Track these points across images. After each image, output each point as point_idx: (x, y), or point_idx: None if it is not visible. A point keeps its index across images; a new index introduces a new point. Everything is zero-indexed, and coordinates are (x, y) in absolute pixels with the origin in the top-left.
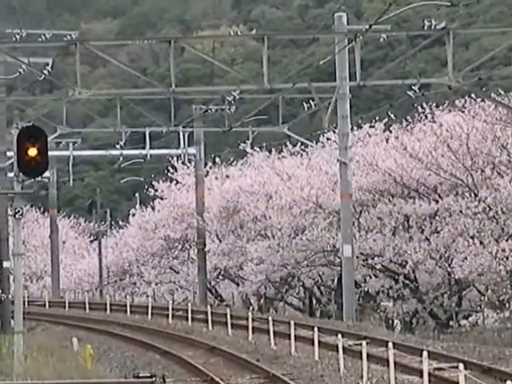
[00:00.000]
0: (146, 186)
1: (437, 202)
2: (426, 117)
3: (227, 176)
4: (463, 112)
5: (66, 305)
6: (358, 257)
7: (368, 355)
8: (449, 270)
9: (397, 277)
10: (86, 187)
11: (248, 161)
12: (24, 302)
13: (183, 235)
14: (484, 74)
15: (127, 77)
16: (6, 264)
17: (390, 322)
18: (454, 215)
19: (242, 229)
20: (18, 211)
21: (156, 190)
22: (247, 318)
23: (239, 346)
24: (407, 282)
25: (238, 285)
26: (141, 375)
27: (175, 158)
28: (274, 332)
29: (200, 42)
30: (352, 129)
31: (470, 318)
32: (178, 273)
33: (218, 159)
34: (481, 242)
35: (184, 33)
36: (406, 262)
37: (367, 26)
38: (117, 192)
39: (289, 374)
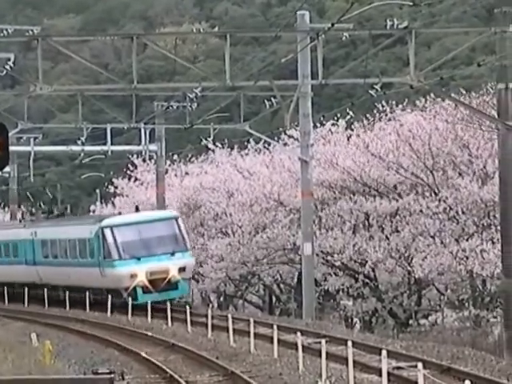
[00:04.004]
0: (106, 183)
1: (397, 200)
2: (387, 115)
3: (187, 173)
4: (425, 111)
5: (26, 300)
6: (318, 255)
7: (327, 354)
8: (409, 269)
9: (357, 275)
10: (46, 183)
11: (209, 158)
12: None
13: None
14: (446, 74)
15: (89, 73)
16: None
17: (350, 320)
18: (415, 215)
19: (202, 226)
20: None
21: (116, 187)
22: (207, 316)
23: (198, 343)
24: (367, 280)
25: (197, 282)
26: (99, 371)
27: (135, 156)
28: (234, 330)
29: (162, 38)
30: (315, 126)
31: (430, 318)
32: None
33: (176, 157)
34: (441, 242)
35: (146, 29)
36: (366, 261)
37: (330, 25)
38: (77, 188)
39: (248, 371)
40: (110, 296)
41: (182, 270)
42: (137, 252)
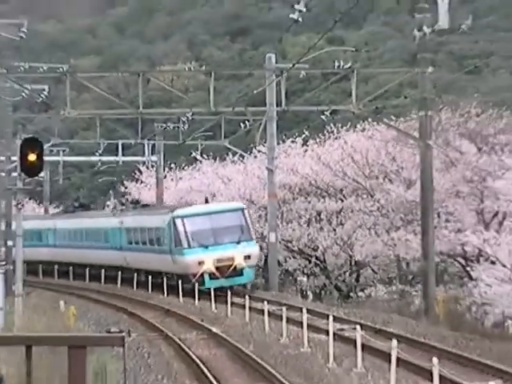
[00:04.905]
0: (119, 185)
1: (342, 201)
2: (335, 135)
3: (180, 178)
4: (364, 132)
5: (56, 275)
6: (280, 242)
7: (287, 318)
8: (350, 253)
9: (310, 258)
10: (72, 185)
11: (197, 167)
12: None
13: None
14: (379, 104)
15: (105, 101)
16: (9, 243)
17: (304, 292)
18: (355, 212)
19: None
20: (20, 203)
21: (126, 188)
22: (193, 289)
23: (188, 309)
24: (318, 262)
25: None
26: (112, 331)
27: (140, 164)
28: (215, 299)
29: (162, 74)
30: (278, 143)
31: (366, 291)
32: None
33: (173, 165)
34: (375, 233)
35: (149, 67)
36: (318, 247)
37: (291, 65)
38: (95, 189)
39: (226, 331)
40: (165, 279)
41: (247, 257)
42: (205, 240)
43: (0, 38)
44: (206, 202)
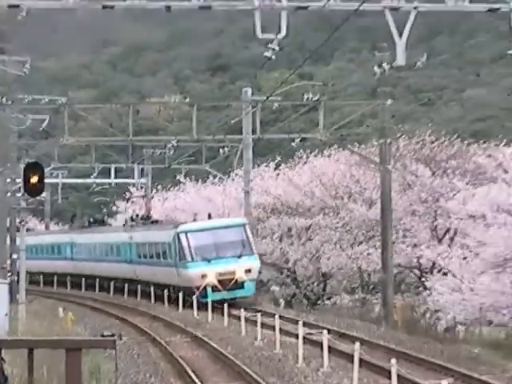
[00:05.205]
0: (111, 204)
1: (311, 218)
2: (304, 160)
3: (166, 198)
4: (330, 157)
5: (55, 285)
6: None
7: (262, 323)
8: (318, 266)
9: (282, 270)
10: (69, 204)
11: (181, 188)
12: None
13: None
14: (344, 132)
15: (99, 129)
16: (14, 256)
17: (277, 300)
18: (323, 228)
19: None
20: (23, 220)
21: (118, 207)
22: (178, 297)
23: (173, 315)
24: (289, 273)
25: None
26: (105, 334)
27: (131, 186)
28: (198, 306)
29: (150, 106)
30: (253, 167)
31: (332, 299)
32: None
33: (160, 186)
34: (340, 247)
35: (139, 100)
36: (289, 260)
37: (265, 98)
38: (91, 207)
39: (207, 335)
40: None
41: (248, 271)
42: (207, 255)
43: (6, 73)
44: (209, 217)
